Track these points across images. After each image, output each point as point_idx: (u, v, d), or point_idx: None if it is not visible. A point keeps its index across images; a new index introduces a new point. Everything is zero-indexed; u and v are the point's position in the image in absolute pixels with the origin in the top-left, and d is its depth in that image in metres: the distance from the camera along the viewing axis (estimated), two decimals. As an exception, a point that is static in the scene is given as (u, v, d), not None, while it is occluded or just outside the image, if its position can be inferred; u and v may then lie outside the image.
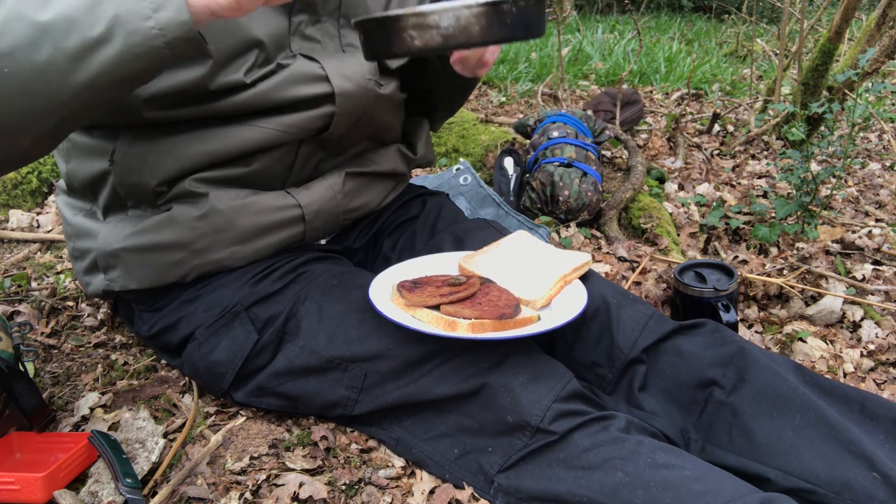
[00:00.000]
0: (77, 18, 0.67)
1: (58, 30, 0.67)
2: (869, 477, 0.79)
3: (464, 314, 0.89)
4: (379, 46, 0.78)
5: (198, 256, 0.99)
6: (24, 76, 0.67)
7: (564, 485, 0.79)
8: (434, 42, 0.74)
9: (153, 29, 0.69)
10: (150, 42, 0.69)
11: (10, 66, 0.66)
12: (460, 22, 0.73)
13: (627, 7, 3.30)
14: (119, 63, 0.69)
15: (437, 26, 0.73)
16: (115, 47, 0.68)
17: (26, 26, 0.66)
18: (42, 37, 0.66)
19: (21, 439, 0.95)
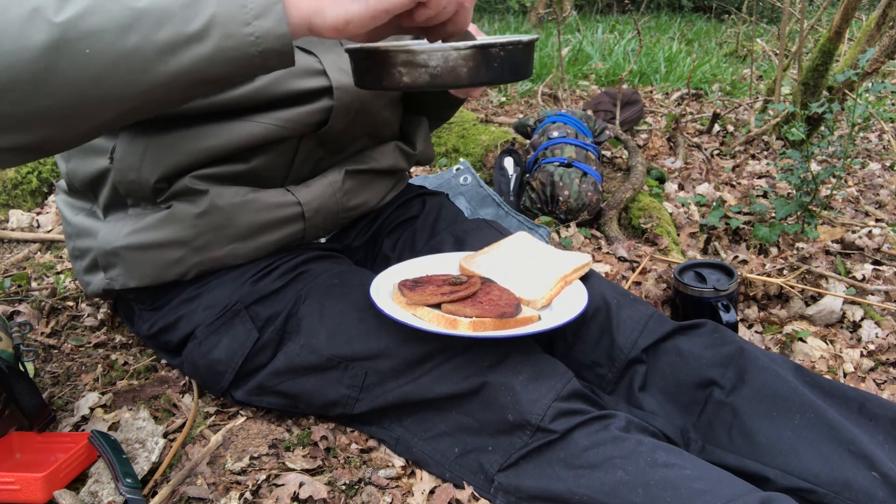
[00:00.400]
0: (174, 11, 0.65)
1: (152, 18, 0.64)
2: (868, 476, 0.79)
3: (465, 313, 0.89)
4: (368, 77, 0.79)
5: (198, 254, 0.99)
6: (105, 60, 0.64)
7: (565, 484, 0.79)
8: (422, 80, 0.75)
9: (250, 36, 0.67)
10: (244, 48, 0.68)
11: (95, 47, 0.63)
12: (448, 63, 0.74)
13: (627, 7, 3.30)
14: (207, 63, 0.68)
15: (425, 65, 0.74)
16: (207, 47, 0.67)
17: (120, 9, 0.63)
18: (134, 23, 0.64)
19: (21, 439, 0.95)
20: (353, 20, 0.69)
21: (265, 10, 0.67)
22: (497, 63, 0.76)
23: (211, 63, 0.68)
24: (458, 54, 0.74)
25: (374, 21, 0.70)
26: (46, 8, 0.63)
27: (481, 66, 0.75)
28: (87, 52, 0.63)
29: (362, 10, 0.69)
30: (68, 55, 0.63)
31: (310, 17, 0.70)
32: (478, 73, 0.75)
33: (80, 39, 0.63)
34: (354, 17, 0.69)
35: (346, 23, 0.69)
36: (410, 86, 0.76)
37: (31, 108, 0.66)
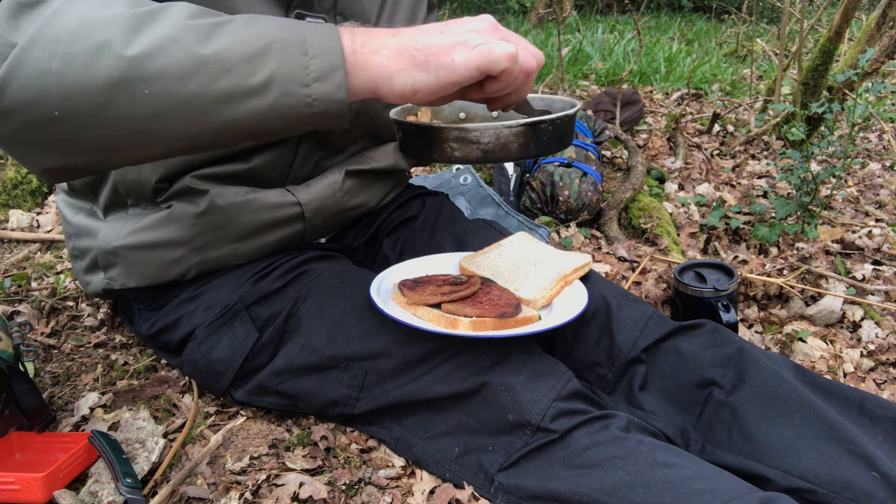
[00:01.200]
0: (236, 63, 0.66)
1: (214, 68, 0.65)
2: (868, 476, 0.80)
3: (465, 313, 0.89)
4: (417, 149, 0.81)
5: (197, 254, 0.99)
6: (162, 103, 0.65)
7: (565, 483, 0.79)
8: (473, 155, 0.77)
9: (307, 97, 0.68)
10: (300, 108, 0.68)
11: (154, 89, 0.64)
12: (500, 140, 0.76)
13: (627, 7, 3.30)
14: (261, 118, 0.68)
15: (477, 142, 0.76)
16: (263, 102, 0.67)
17: (184, 55, 0.64)
18: (196, 71, 0.64)
19: (21, 439, 0.95)
20: (422, 90, 0.69)
21: (326, 74, 0.68)
22: (545, 137, 0.78)
23: (265, 118, 0.68)
24: (509, 132, 0.76)
25: (443, 92, 0.70)
26: (115, 42, 0.63)
27: (531, 142, 0.77)
28: (147, 92, 0.64)
29: (431, 82, 0.69)
30: (129, 92, 0.64)
31: (376, 83, 0.70)
32: (528, 148, 0.78)
33: (142, 79, 0.64)
34: (423, 87, 0.69)
35: (414, 92, 0.70)
36: (461, 160, 0.78)
37: (84, 137, 0.67)
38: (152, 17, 0.65)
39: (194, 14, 0.67)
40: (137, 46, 0.64)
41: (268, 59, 0.66)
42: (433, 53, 0.69)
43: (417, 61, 0.69)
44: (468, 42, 0.69)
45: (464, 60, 0.68)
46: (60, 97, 0.64)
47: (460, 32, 0.71)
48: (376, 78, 0.70)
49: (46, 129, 0.66)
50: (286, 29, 0.69)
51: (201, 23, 0.66)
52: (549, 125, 0.77)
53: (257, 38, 0.67)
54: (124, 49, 0.63)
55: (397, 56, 0.69)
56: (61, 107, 0.64)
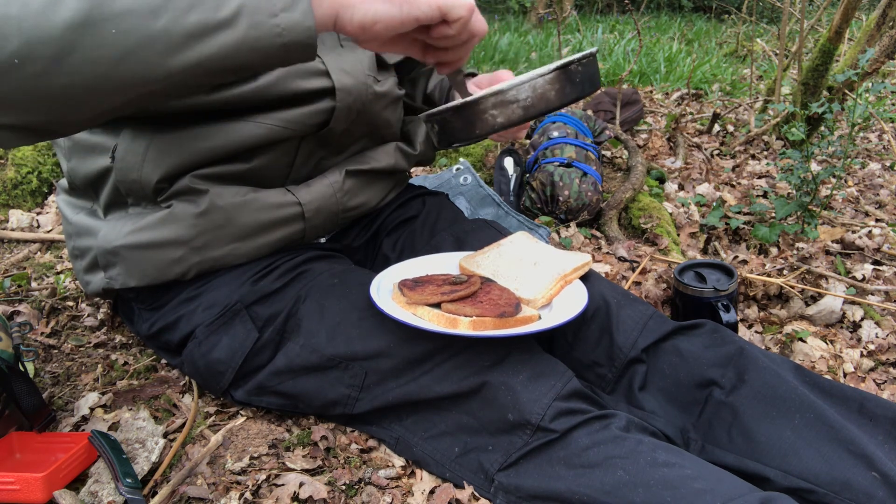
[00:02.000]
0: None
1: (182, 3, 0.65)
2: (868, 476, 0.80)
3: (465, 312, 0.89)
4: (460, 132, 0.81)
5: (198, 253, 0.99)
6: (131, 41, 0.63)
7: (565, 483, 0.79)
8: (516, 116, 0.78)
9: (276, 27, 0.68)
10: (270, 39, 0.69)
11: (122, 27, 0.62)
12: (537, 91, 0.77)
13: (627, 7, 3.30)
14: (232, 51, 0.68)
15: (516, 100, 0.77)
16: (233, 35, 0.67)
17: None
18: (164, 6, 0.64)
19: (21, 439, 0.95)
20: (382, 20, 0.71)
21: (292, 2, 0.68)
22: (579, 78, 0.79)
23: (236, 51, 0.68)
24: (544, 80, 0.77)
25: (403, 26, 0.72)
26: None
27: (566, 86, 0.78)
28: (114, 31, 0.63)
29: (393, 13, 0.71)
30: (93, 34, 0.62)
31: (338, 11, 0.71)
32: (565, 93, 0.78)
33: (107, 19, 0.62)
34: (384, 17, 0.70)
35: (374, 22, 0.71)
36: (505, 124, 0.78)
37: (44, 87, 0.64)
38: None
39: None
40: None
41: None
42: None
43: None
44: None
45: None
46: (20, 43, 0.61)
47: None
48: (337, 6, 0.70)
49: (4, 79, 0.62)
50: None
51: None
52: (578, 65, 0.78)
53: None
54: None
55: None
56: (21, 54, 0.61)
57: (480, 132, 0.79)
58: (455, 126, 0.81)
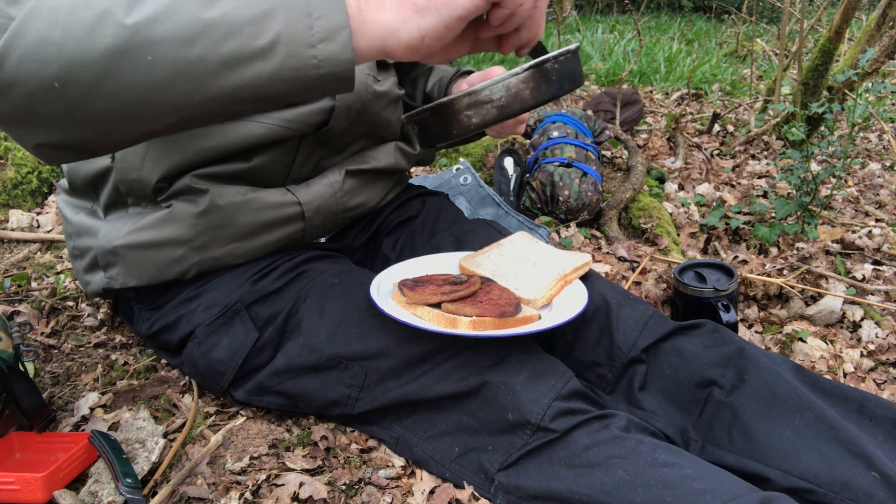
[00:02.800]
0: (241, 25, 0.65)
1: (218, 31, 0.64)
2: (868, 476, 0.80)
3: (465, 312, 0.89)
4: (437, 133, 0.80)
5: (197, 253, 0.99)
6: (166, 70, 0.64)
7: (565, 483, 0.79)
8: (491, 116, 0.77)
9: (313, 58, 0.67)
10: (306, 70, 0.67)
11: (157, 56, 0.63)
12: (511, 91, 0.76)
13: (627, 7, 3.30)
14: (268, 81, 0.67)
15: (490, 100, 0.76)
16: (269, 64, 0.66)
17: (187, 20, 0.63)
18: (200, 34, 0.64)
19: (21, 439, 0.95)
20: (430, 34, 0.68)
21: (331, 34, 0.67)
22: (555, 76, 0.77)
23: (271, 81, 0.67)
24: (517, 80, 0.75)
25: (450, 31, 0.69)
26: (116, 10, 0.63)
27: (542, 84, 0.77)
28: (150, 59, 0.63)
29: (437, 23, 0.68)
30: (131, 61, 0.63)
31: (383, 40, 0.69)
32: (540, 92, 0.77)
33: (144, 46, 0.63)
34: (430, 31, 0.68)
35: (422, 38, 0.68)
36: (480, 125, 0.77)
37: (84, 109, 0.65)
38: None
39: None
40: (138, 14, 0.63)
41: (272, 20, 0.65)
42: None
43: (419, 7, 0.68)
44: None
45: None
46: (60, 67, 0.62)
47: None
48: (383, 34, 0.68)
49: (46, 100, 0.64)
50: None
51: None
52: (554, 62, 0.76)
53: (261, 1, 0.66)
54: (125, 17, 0.62)
55: (399, 8, 0.69)
56: (61, 77, 0.63)
57: (457, 133, 0.78)
58: (433, 127, 0.80)
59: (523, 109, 0.77)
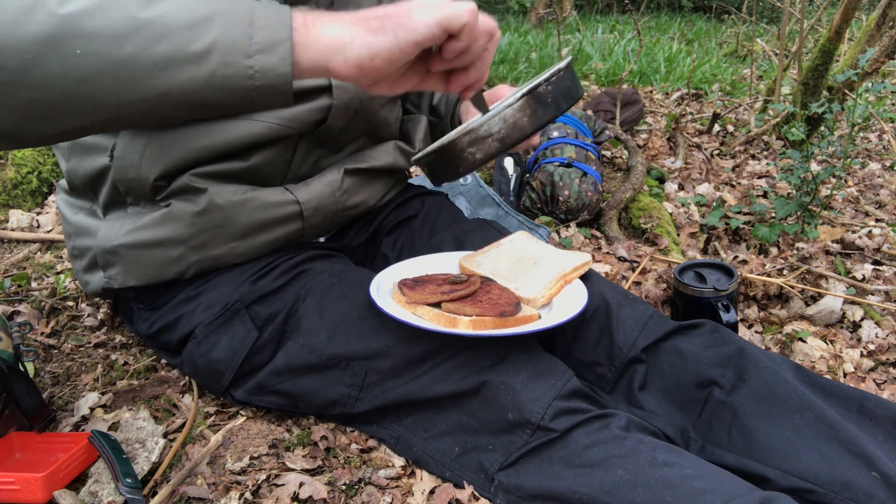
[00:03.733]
0: (176, 28, 0.63)
1: (152, 32, 0.62)
2: (868, 476, 0.79)
3: (465, 311, 0.89)
4: (445, 172, 0.82)
5: (196, 252, 0.99)
6: (93, 64, 0.62)
7: (565, 482, 0.79)
8: (493, 149, 0.77)
9: (249, 69, 0.65)
10: (240, 80, 0.66)
11: (87, 50, 0.61)
12: (508, 122, 0.76)
13: (627, 7, 3.30)
14: (200, 87, 0.66)
15: (489, 135, 0.76)
16: (202, 71, 0.65)
17: (122, 16, 0.62)
18: (133, 33, 0.62)
19: (21, 439, 0.95)
20: (380, 55, 0.66)
21: (271, 46, 0.65)
22: (550, 98, 0.77)
23: (204, 87, 0.66)
24: (512, 110, 0.76)
25: (403, 55, 0.66)
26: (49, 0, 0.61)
27: (538, 109, 0.77)
28: (78, 52, 0.62)
29: (390, 43, 0.66)
30: (59, 51, 0.61)
31: (327, 56, 0.66)
32: (538, 116, 0.77)
33: (74, 38, 0.61)
34: (381, 51, 0.65)
35: (372, 58, 0.66)
36: (485, 159, 0.78)
37: (8, 97, 0.63)
38: None
39: None
40: (73, 5, 0.61)
41: (211, 26, 0.64)
42: (390, 17, 0.66)
43: (373, 27, 0.66)
44: (426, 4, 0.67)
45: (424, 17, 0.65)
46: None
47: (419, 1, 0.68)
48: (328, 50, 0.66)
49: None
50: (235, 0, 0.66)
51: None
52: (546, 84, 0.76)
53: (202, 5, 0.64)
54: (59, 7, 0.61)
55: (351, 26, 0.67)
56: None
57: (464, 170, 0.79)
58: (439, 167, 0.81)
59: (524, 137, 0.77)
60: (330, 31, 0.67)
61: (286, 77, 0.67)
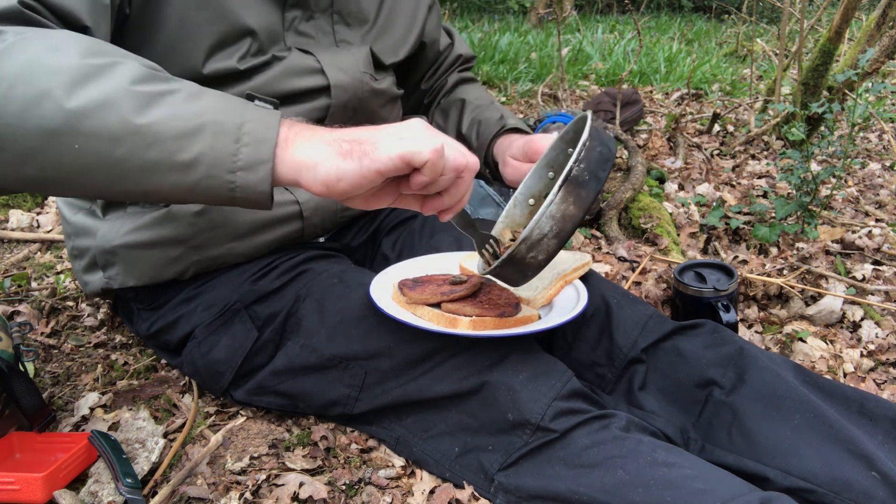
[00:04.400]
0: (166, 137, 0.67)
1: (144, 138, 0.66)
2: (868, 476, 0.79)
3: (465, 312, 0.89)
4: (517, 279, 0.83)
5: (195, 252, 0.99)
6: (89, 160, 0.67)
7: (565, 483, 0.79)
8: (553, 246, 0.78)
9: (231, 183, 0.69)
10: (221, 192, 0.70)
11: (83, 146, 0.66)
12: (556, 216, 0.76)
13: (627, 7, 3.30)
14: (183, 191, 0.70)
15: (543, 235, 0.77)
16: (187, 179, 0.69)
17: (118, 120, 0.66)
18: (127, 137, 0.66)
19: (21, 439, 0.95)
20: (345, 178, 0.69)
21: (254, 165, 0.69)
22: (587, 175, 0.77)
23: (186, 193, 0.70)
24: (556, 205, 0.76)
25: (366, 181, 0.69)
26: (56, 94, 0.64)
27: (580, 191, 0.76)
28: (77, 147, 0.65)
29: (355, 169, 0.68)
30: (59, 144, 0.65)
31: (300, 172, 0.70)
32: (582, 197, 0.77)
33: (74, 134, 0.65)
34: (346, 175, 0.68)
35: (338, 180, 0.69)
36: (549, 258, 0.79)
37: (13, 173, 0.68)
38: (99, 73, 0.66)
39: (141, 78, 0.68)
40: (77, 101, 0.64)
41: (198, 139, 0.67)
42: (359, 143, 0.70)
43: (343, 150, 0.69)
44: (396, 134, 0.70)
45: (388, 148, 0.68)
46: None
47: (394, 129, 0.71)
48: (300, 167, 0.70)
49: None
50: (226, 111, 0.69)
51: (144, 90, 0.67)
52: (578, 164, 0.76)
53: (194, 116, 0.68)
54: (64, 101, 0.64)
55: (325, 146, 0.70)
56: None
57: (532, 273, 0.80)
58: (511, 276, 0.83)
59: (578, 223, 0.77)
60: (306, 149, 0.70)
61: (265, 194, 0.70)
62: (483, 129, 1.20)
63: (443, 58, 1.30)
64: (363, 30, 1.08)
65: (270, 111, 0.72)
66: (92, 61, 0.66)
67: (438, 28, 1.27)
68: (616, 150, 0.80)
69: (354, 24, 1.07)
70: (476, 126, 1.21)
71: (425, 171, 0.69)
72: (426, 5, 1.20)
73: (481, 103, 1.24)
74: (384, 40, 1.11)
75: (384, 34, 1.11)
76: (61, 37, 0.68)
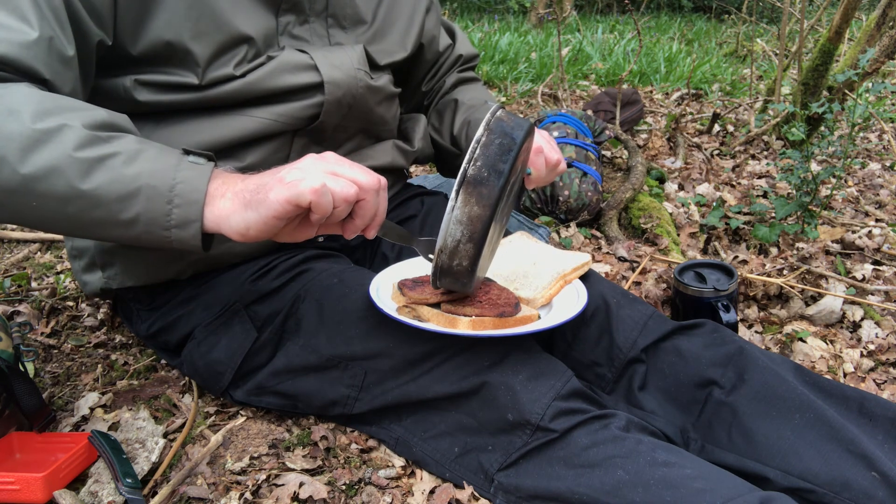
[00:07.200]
0: (108, 200, 0.74)
1: (89, 201, 0.74)
2: (868, 476, 0.79)
3: (464, 312, 0.89)
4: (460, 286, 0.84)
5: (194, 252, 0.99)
6: (46, 215, 0.76)
7: (565, 483, 0.79)
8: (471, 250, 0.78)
9: (167, 237, 0.77)
10: (162, 243, 0.78)
11: (40, 204, 0.74)
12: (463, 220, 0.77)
13: (627, 7, 3.30)
14: (130, 240, 0.79)
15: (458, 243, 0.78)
16: (131, 233, 0.77)
17: (65, 185, 0.73)
18: (74, 199, 0.74)
19: (21, 439, 0.95)
20: (253, 227, 0.75)
21: (185, 224, 0.76)
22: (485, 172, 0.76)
23: (133, 241, 0.79)
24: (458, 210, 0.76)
25: (269, 226, 0.75)
26: (11, 159, 0.71)
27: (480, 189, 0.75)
28: (34, 204, 0.74)
29: (257, 218, 0.74)
30: (18, 201, 0.74)
31: (219, 224, 0.77)
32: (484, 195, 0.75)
33: (30, 194, 0.73)
34: (253, 224, 0.75)
35: (247, 229, 0.75)
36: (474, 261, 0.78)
37: None
38: (47, 139, 0.72)
39: (84, 143, 0.74)
40: (30, 166, 0.72)
41: (136, 202, 0.75)
42: (257, 192, 0.75)
43: (246, 201, 0.75)
44: (284, 178, 0.74)
45: (276, 195, 0.73)
46: None
47: (289, 170, 0.75)
48: (219, 220, 0.77)
49: None
50: (160, 173, 0.76)
51: (86, 156, 0.73)
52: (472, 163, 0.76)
53: (131, 181, 0.75)
54: (18, 167, 0.72)
55: (234, 198, 0.76)
56: None
57: (467, 279, 0.81)
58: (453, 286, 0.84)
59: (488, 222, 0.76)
60: (222, 204, 0.77)
61: (197, 245, 0.78)
62: (472, 129, 1.21)
63: (443, 59, 1.30)
64: (359, 32, 1.08)
65: (202, 167, 0.78)
66: (41, 126, 0.72)
67: (437, 29, 1.27)
68: (526, 134, 0.78)
69: (350, 26, 1.06)
70: (466, 127, 1.22)
71: (314, 209, 0.74)
72: (424, 7, 1.19)
73: (474, 104, 1.24)
74: (381, 42, 1.11)
75: (381, 36, 1.11)
76: (16, 97, 0.74)
